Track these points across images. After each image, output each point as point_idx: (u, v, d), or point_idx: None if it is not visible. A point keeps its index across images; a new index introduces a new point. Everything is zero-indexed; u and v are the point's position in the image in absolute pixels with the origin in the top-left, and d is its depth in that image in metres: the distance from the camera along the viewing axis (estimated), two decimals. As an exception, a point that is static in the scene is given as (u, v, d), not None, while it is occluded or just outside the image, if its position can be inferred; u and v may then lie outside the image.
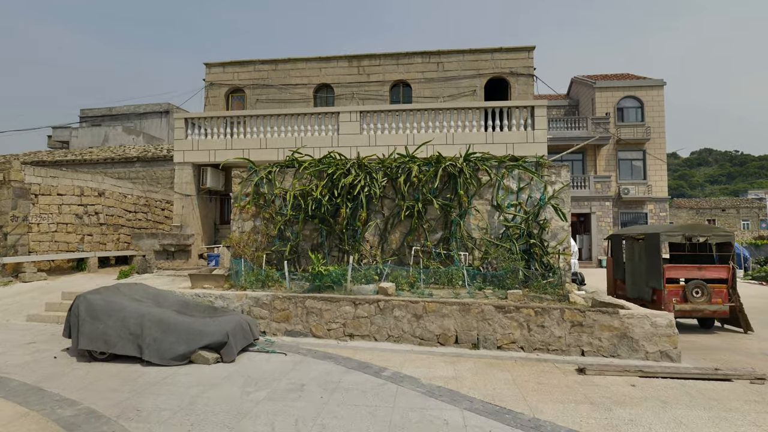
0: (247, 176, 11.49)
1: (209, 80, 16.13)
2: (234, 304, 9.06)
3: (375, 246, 10.93)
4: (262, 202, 11.36)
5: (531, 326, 8.00)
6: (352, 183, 10.72)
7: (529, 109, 13.19)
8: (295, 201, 11.05)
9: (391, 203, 10.96)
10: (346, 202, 10.66)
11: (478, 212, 10.68)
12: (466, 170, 10.52)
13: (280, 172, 11.48)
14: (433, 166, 10.75)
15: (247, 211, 11.48)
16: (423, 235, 10.77)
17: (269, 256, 11.19)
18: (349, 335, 8.56)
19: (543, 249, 10.23)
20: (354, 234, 10.93)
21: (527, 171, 10.64)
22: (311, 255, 9.61)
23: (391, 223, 10.87)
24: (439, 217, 10.70)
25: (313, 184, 10.99)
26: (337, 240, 11.01)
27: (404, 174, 10.68)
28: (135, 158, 20.86)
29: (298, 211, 11.00)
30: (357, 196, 10.74)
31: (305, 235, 11.21)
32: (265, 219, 11.29)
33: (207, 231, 15.26)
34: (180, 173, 14.82)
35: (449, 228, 10.73)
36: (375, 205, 10.91)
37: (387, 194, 10.96)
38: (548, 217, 10.52)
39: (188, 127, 14.53)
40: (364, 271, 9.59)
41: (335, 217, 10.97)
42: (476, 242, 10.64)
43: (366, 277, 9.46)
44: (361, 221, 10.61)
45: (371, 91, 15.49)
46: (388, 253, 10.91)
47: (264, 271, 10.02)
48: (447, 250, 10.65)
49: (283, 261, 10.94)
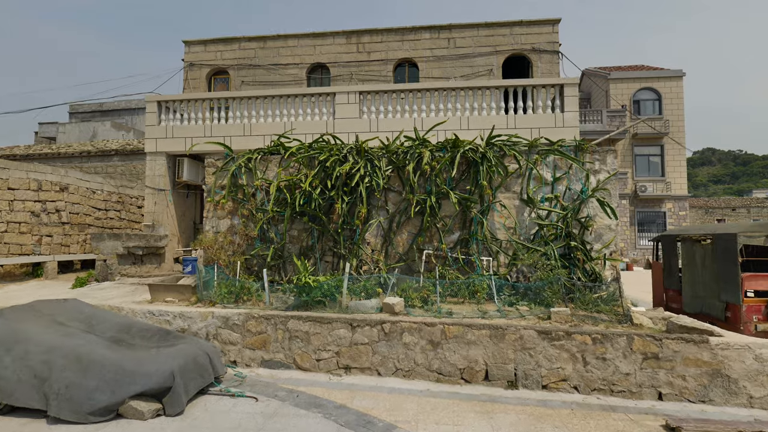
0: (223, 165, 9.39)
1: (188, 60, 14.07)
2: (197, 326, 6.96)
3: (377, 249, 8.84)
4: (240, 196, 9.26)
5: (587, 358, 5.90)
6: (349, 172, 8.62)
7: (558, 87, 11.09)
8: (280, 194, 8.95)
9: (397, 197, 8.86)
10: (342, 196, 8.57)
11: (504, 208, 8.57)
12: (491, 156, 8.42)
13: (263, 159, 9.38)
14: (448, 152, 8.65)
15: (222, 206, 9.38)
16: (436, 236, 8.67)
17: (249, 262, 9.09)
18: (344, 368, 6.45)
19: (586, 253, 8.13)
20: (352, 235, 8.83)
21: (565, 157, 8.54)
22: (296, 261, 7.51)
23: (397, 221, 8.77)
24: (456, 214, 8.60)
25: (302, 173, 8.89)
26: (331, 242, 8.91)
27: (413, 161, 8.58)
28: (113, 151, 18.77)
29: (284, 207, 8.91)
30: (355, 189, 8.64)
31: (292, 236, 9.11)
32: (244, 216, 9.19)
33: (184, 231, 13.16)
34: (152, 165, 12.71)
35: (468, 227, 8.63)
36: (378, 199, 8.81)
37: (392, 186, 8.87)
38: (591, 214, 8.41)
39: (161, 111, 12.43)
40: (364, 282, 7.49)
41: (329, 214, 8.87)
42: (501, 245, 8.54)
43: (366, 289, 7.37)
44: (360, 219, 8.52)
45: (372, 72, 13.43)
46: (393, 258, 8.81)
47: (239, 281, 7.91)
48: (466, 254, 8.55)
49: (266, 268, 8.83)
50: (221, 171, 9.39)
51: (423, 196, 8.49)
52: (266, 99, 11.95)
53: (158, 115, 12.50)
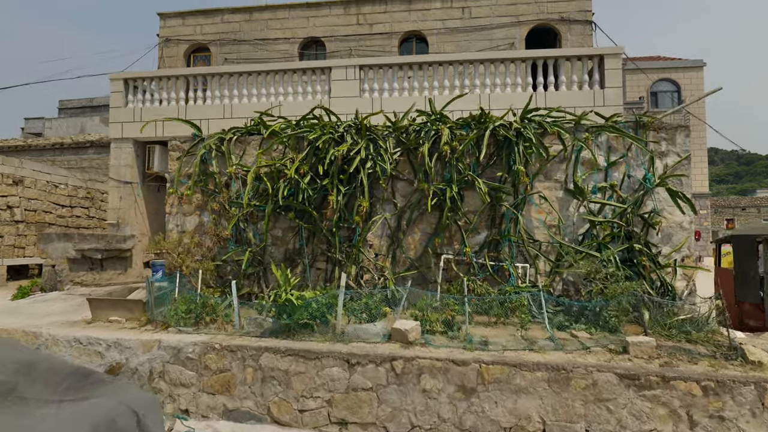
0: (189, 148, 7.45)
1: (164, 35, 12.19)
2: (137, 360, 5.03)
3: (383, 254, 6.90)
4: (211, 187, 7.32)
5: (696, 417, 3.96)
6: (347, 155, 6.69)
7: (596, 59, 9.15)
8: (260, 184, 7.02)
9: (407, 187, 6.93)
10: (337, 186, 6.63)
11: (545, 200, 6.64)
12: (529, 133, 6.48)
13: (239, 141, 7.44)
14: (473, 130, 6.72)
15: (189, 200, 7.44)
16: (458, 236, 6.74)
17: (221, 269, 7.16)
18: (338, 422, 4.51)
19: (653, 259, 6.19)
20: (350, 235, 6.90)
21: (623, 135, 6.60)
22: (275, 270, 5.57)
23: (407, 218, 6.84)
24: (482, 208, 6.67)
25: (287, 158, 6.95)
26: (323, 244, 6.97)
27: (429, 141, 6.64)
28: (88, 143, 16.83)
29: (265, 201, 6.97)
30: (354, 176, 6.71)
31: (275, 236, 7.17)
32: (215, 212, 7.24)
33: (157, 231, 11.20)
34: (117, 153, 10.78)
35: (498, 225, 6.70)
36: (383, 190, 6.88)
37: (401, 173, 6.94)
38: (657, 208, 6.48)
39: (128, 91, 10.50)
40: (366, 299, 5.55)
41: (321, 208, 6.94)
42: (541, 247, 6.60)
43: (369, 308, 5.42)
44: (361, 215, 6.58)
45: (374, 47, 11.53)
46: (402, 264, 6.88)
47: (201, 295, 5.97)
48: (496, 259, 6.61)
49: (240, 277, 6.88)
50: (187, 156, 7.45)
51: (441, 185, 6.56)
52: (250, 76, 10.01)
53: (125, 95, 10.56)
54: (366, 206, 6.46)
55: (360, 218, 6.53)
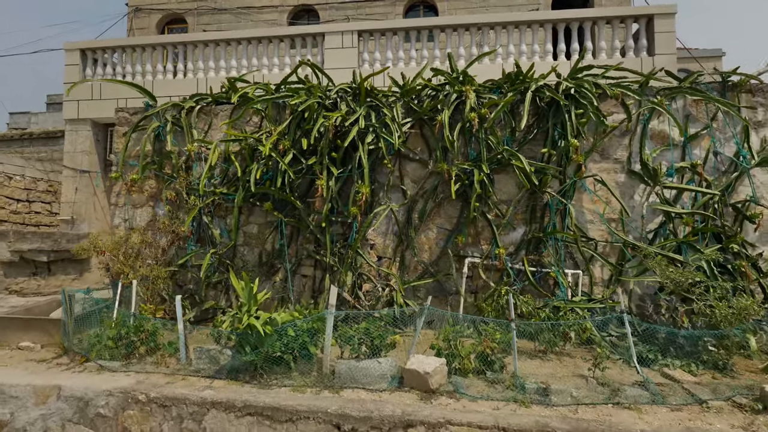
0: (139, 121, 5.76)
1: (134, 4, 10.51)
2: (26, 416, 3.35)
3: (388, 256, 5.23)
4: (167, 171, 5.63)
5: None
6: (340, 126, 5.01)
7: (643, 20, 7.49)
8: (229, 167, 5.36)
9: (419, 169, 5.25)
10: (327, 167, 4.95)
11: (602, 185, 4.97)
12: (589, 92, 4.81)
13: (204, 113, 5.75)
14: (505, 93, 5.04)
15: (139, 188, 5.76)
16: (486, 233, 5.08)
17: (180, 277, 5.48)
18: None
19: (755, 265, 4.52)
20: (345, 232, 5.22)
21: (707, 99, 4.93)
22: (234, 282, 3.90)
23: (420, 209, 5.17)
24: (518, 197, 5.01)
25: (263, 132, 5.27)
26: (311, 244, 5.30)
27: (449, 107, 4.97)
28: (60, 133, 15.12)
29: (234, 187, 5.31)
30: (350, 155, 5.05)
31: (249, 234, 5.49)
32: (172, 203, 5.56)
33: (123, 229, 9.52)
34: (73, 137, 9.12)
35: (540, 219, 5.03)
36: (388, 172, 5.21)
37: (412, 151, 5.26)
38: (756, 195, 4.80)
39: (86, 63, 8.82)
40: (365, 324, 3.83)
41: (307, 197, 5.27)
42: (597, 247, 4.93)
43: (370, 335, 3.72)
44: (359, 206, 4.88)
45: (376, 15, 9.88)
46: (414, 270, 5.20)
47: (136, 316, 4.29)
48: (537, 264, 4.93)
49: (202, 287, 5.22)
50: (137, 131, 5.76)
51: (466, 165, 4.89)
52: (229, 45, 8.33)
53: (81, 68, 8.89)
54: (366, 194, 4.77)
55: (358, 210, 4.85)
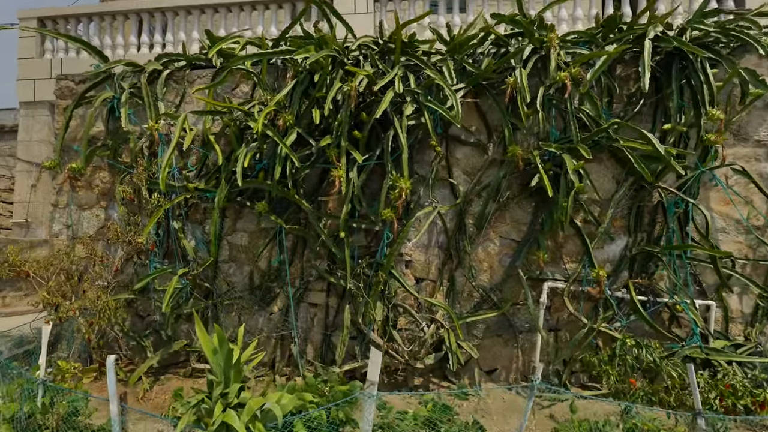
0: (86, 90, 4.16)
1: (108, -28, 8.98)
2: None
3: (431, 277, 3.67)
4: (125, 159, 4.05)
5: None
6: (366, 93, 3.46)
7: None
8: (209, 153, 3.81)
9: (475, 156, 3.68)
10: (347, 151, 3.40)
11: (743, 176, 3.43)
12: (741, 41, 3.28)
13: (174, 80, 4.16)
14: (600, 46, 3.50)
15: (88, 182, 4.18)
16: (570, 245, 3.54)
17: (139, 306, 3.91)
18: None
19: None
20: (371, 243, 3.68)
21: None
22: (199, 330, 2.32)
23: (478, 212, 3.61)
24: (617, 194, 3.46)
25: (255, 103, 3.71)
26: (321, 260, 3.73)
27: (524, 66, 3.41)
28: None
29: (212, 180, 3.75)
30: (378, 135, 3.52)
31: (236, 246, 3.91)
32: (128, 202, 3.98)
33: (91, 234, 7.91)
34: (27, 124, 7.52)
35: (650, 226, 3.50)
36: (431, 159, 3.64)
37: (467, 130, 3.69)
38: None
39: (44, 35, 7.24)
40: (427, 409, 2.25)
41: (317, 194, 3.71)
42: (733, 265, 3.40)
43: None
44: (396, 207, 3.30)
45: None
46: (467, 297, 3.64)
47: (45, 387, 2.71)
48: (648, 291, 3.40)
49: (168, 322, 3.64)
50: (84, 105, 4.17)
51: (553, 148, 3.32)
52: (218, 12, 6.74)
53: (40, 42, 7.32)
54: (406, 189, 3.19)
55: (393, 213, 3.28)
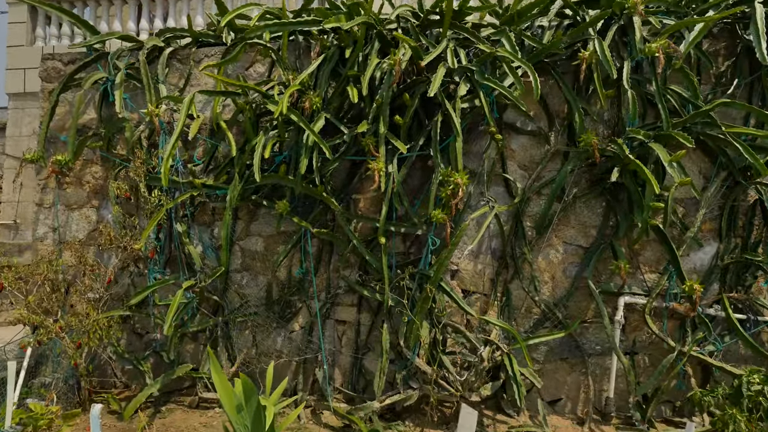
0: (74, 71, 3.57)
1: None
2: None
3: (482, 290, 3.10)
4: (119, 151, 3.47)
5: None
6: (408, 75, 2.88)
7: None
8: (217, 144, 3.23)
9: (534, 147, 3.08)
10: (386, 140, 2.83)
11: None
12: None
13: (178, 59, 3.57)
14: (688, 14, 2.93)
15: (76, 178, 3.60)
16: (649, 252, 2.96)
17: (136, 322, 3.33)
18: None
19: None
20: (410, 250, 3.10)
21: None
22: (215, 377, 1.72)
23: (540, 213, 3.02)
24: (707, 193, 2.87)
25: (275, 83, 3.13)
26: (353, 271, 3.15)
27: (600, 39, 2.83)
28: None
29: (223, 176, 3.17)
30: (421, 121, 2.94)
31: (251, 252, 3.32)
32: (124, 201, 3.40)
33: (86, 236, 7.30)
34: (17, 117, 6.93)
35: (740, 230, 2.93)
36: (483, 151, 3.06)
37: (524, 115, 3.08)
38: None
39: (36, 20, 6.63)
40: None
41: (347, 192, 3.14)
42: (841, 280, 2.83)
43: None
44: (450, 207, 2.72)
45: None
46: (525, 313, 3.06)
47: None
48: (745, 307, 2.82)
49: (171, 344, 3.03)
50: (72, 89, 3.58)
51: (641, 136, 2.73)
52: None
53: (31, 28, 6.74)
54: (463, 185, 2.59)
55: (444, 215, 2.68)
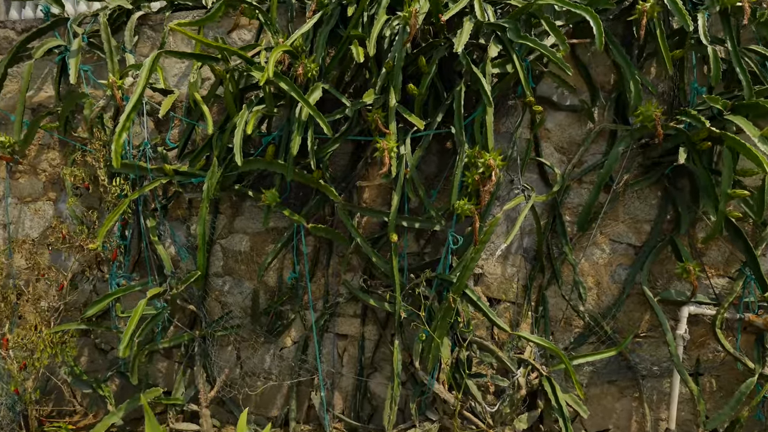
0: (25, 38, 3.01)
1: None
2: None
3: (512, 299, 2.55)
4: (80, 134, 2.92)
5: None
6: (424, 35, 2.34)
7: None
8: (194, 125, 2.69)
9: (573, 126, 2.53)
10: (398, 114, 2.28)
11: None
12: None
13: (149, 26, 3.01)
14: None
15: (30, 166, 3.04)
16: (715, 252, 2.42)
17: (99, 336, 2.78)
18: None
19: None
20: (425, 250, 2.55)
21: None
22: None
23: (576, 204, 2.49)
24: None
25: (261, 49, 2.59)
26: (357, 274, 2.61)
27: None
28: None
29: (200, 160, 2.63)
30: (438, 92, 2.40)
31: (234, 252, 2.77)
32: (81, 191, 2.86)
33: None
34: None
35: (827, 225, 2.39)
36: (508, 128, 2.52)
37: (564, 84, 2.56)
38: None
39: None
40: None
41: (348, 180, 2.60)
42: None
43: None
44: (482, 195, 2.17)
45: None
46: (564, 325, 2.51)
47: None
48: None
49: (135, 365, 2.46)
50: (22, 59, 3.03)
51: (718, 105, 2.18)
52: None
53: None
54: (497, 167, 2.05)
55: (473, 205, 2.14)
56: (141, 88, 2.04)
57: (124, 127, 1.96)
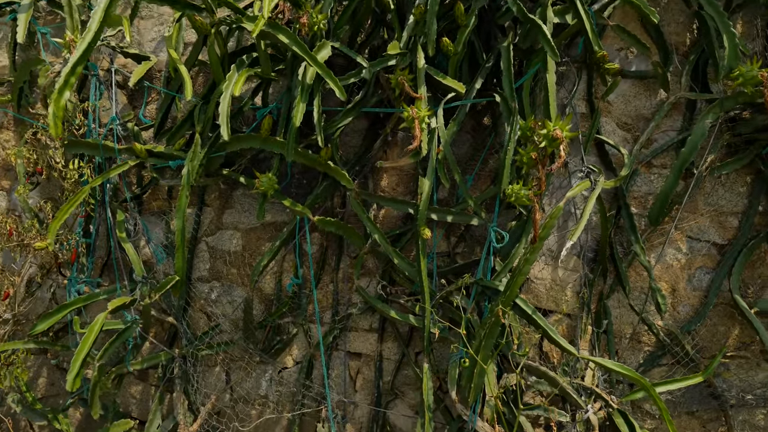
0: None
1: None
2: None
3: (563, 308, 2.06)
4: (38, 111, 2.41)
5: None
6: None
7: None
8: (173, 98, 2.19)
9: (640, 97, 2.04)
10: (428, 76, 1.78)
11: None
12: None
13: (124, -19, 2.53)
14: None
15: (-22, 148, 2.53)
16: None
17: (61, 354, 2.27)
18: None
19: None
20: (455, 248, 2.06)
21: None
22: None
23: (645, 192, 1.99)
24: None
25: (253, 1, 2.08)
26: (372, 278, 2.11)
27: None
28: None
29: (179, 138, 2.13)
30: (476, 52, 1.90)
31: (222, 252, 2.26)
32: (36, 176, 2.35)
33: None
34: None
35: None
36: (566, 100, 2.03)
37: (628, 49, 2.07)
38: None
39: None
40: None
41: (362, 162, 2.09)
42: None
43: None
44: (539, 181, 1.68)
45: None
46: (632, 342, 2.02)
47: None
48: None
49: (95, 392, 1.93)
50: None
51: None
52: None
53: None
54: (564, 138, 1.56)
55: (531, 191, 1.64)
56: (92, 33, 1.53)
57: (68, 84, 1.45)
